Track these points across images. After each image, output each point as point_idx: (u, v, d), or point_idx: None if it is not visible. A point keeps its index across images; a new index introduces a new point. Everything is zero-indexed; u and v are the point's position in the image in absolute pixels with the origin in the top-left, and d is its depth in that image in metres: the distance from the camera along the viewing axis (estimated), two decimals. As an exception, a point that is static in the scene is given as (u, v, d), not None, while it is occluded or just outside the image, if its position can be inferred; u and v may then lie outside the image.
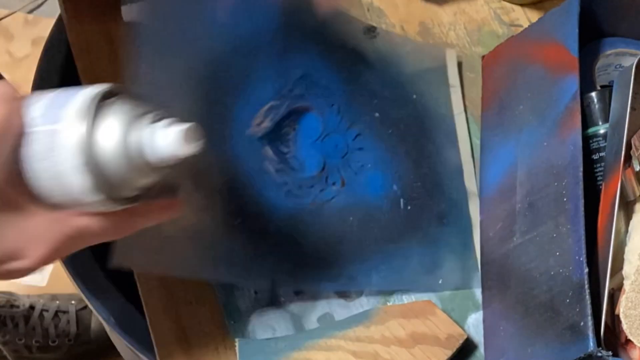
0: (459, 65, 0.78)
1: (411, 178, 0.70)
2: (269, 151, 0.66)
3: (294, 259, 0.64)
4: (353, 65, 0.73)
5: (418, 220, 0.68)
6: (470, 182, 0.71)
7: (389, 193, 0.69)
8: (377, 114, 0.71)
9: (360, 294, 0.66)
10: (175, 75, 0.63)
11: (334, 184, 0.67)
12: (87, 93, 0.43)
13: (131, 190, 0.45)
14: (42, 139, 0.42)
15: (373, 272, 0.65)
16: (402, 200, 0.69)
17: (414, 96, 0.74)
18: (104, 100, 0.43)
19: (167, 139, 0.42)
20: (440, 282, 0.66)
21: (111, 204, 0.44)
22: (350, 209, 0.67)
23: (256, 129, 0.65)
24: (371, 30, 0.76)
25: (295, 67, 0.69)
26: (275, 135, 0.67)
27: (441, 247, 0.68)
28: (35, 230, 0.45)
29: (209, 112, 0.64)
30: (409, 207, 0.68)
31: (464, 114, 0.75)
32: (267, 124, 0.66)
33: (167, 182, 0.47)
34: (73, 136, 0.41)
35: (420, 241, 0.67)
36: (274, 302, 0.65)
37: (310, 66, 0.70)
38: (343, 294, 0.66)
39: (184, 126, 0.43)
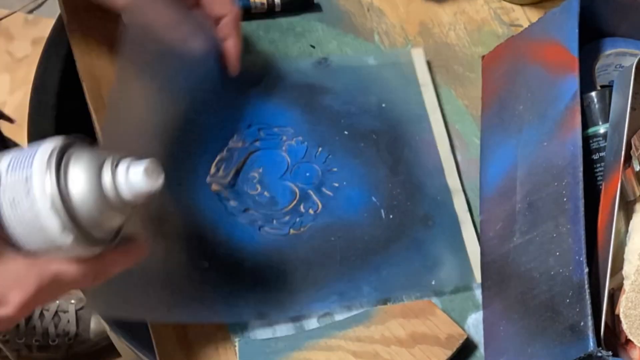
0: (436, 61, 0.78)
1: (390, 186, 0.70)
2: (230, 196, 0.67)
3: (279, 288, 0.63)
4: (310, 97, 0.74)
5: (402, 226, 0.68)
6: (453, 179, 0.71)
7: (368, 206, 0.69)
8: (345, 132, 0.72)
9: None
10: (142, 128, 0.65)
11: (310, 209, 0.68)
12: (48, 146, 0.46)
13: (102, 232, 0.47)
14: (15, 190, 0.45)
15: (363, 285, 0.65)
16: (382, 210, 0.68)
17: (383, 105, 0.75)
18: (65, 149, 0.46)
19: (133, 177, 0.46)
20: (433, 282, 0.66)
21: (84, 246, 0.46)
22: (330, 229, 0.67)
23: (213, 179, 0.67)
24: (323, 60, 0.77)
25: (243, 119, 0.71)
26: (242, 180, 0.68)
27: (430, 248, 0.67)
28: (14, 275, 0.46)
29: (169, 161, 0.66)
30: (390, 216, 0.68)
31: (439, 110, 0.75)
32: (222, 173, 0.67)
33: (128, 229, 0.50)
34: (43, 184, 0.44)
35: (407, 247, 0.67)
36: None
37: (259, 114, 0.72)
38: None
39: (146, 163, 0.46)
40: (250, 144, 0.70)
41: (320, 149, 0.71)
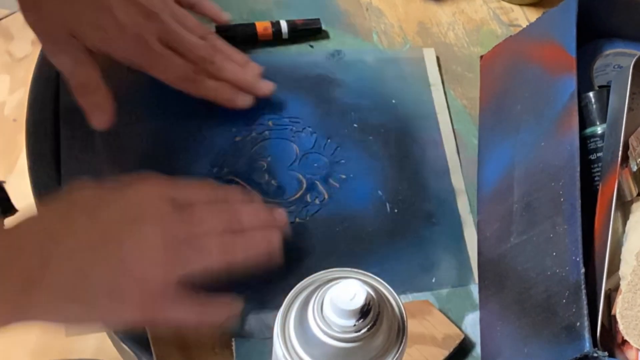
0: (439, 61, 0.78)
1: (396, 181, 0.70)
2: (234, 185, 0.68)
3: (282, 276, 0.62)
4: (321, 89, 0.75)
5: (406, 222, 0.69)
6: (457, 180, 0.72)
7: (374, 199, 0.69)
8: (355, 125, 0.73)
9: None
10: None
11: (316, 199, 0.68)
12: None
13: None
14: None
15: None
16: (388, 204, 0.69)
17: (393, 101, 0.75)
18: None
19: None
20: (433, 280, 0.66)
21: None
22: (335, 220, 0.67)
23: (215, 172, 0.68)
24: (336, 53, 0.77)
25: (254, 109, 0.71)
26: (250, 168, 0.69)
27: (432, 246, 0.68)
28: None
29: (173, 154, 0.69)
30: (395, 211, 0.69)
31: (447, 111, 0.75)
32: (226, 168, 0.68)
33: None
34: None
35: (410, 242, 0.68)
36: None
37: (269, 104, 0.72)
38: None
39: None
40: (260, 133, 0.70)
41: (329, 140, 0.71)
